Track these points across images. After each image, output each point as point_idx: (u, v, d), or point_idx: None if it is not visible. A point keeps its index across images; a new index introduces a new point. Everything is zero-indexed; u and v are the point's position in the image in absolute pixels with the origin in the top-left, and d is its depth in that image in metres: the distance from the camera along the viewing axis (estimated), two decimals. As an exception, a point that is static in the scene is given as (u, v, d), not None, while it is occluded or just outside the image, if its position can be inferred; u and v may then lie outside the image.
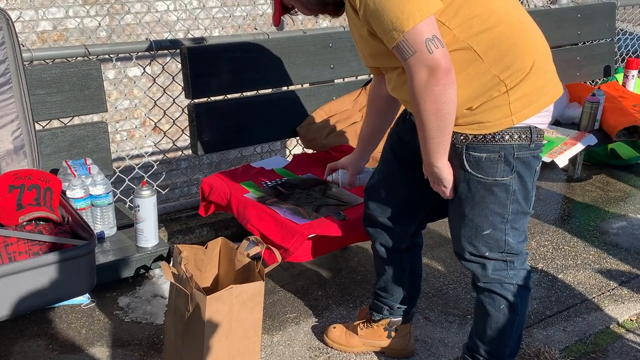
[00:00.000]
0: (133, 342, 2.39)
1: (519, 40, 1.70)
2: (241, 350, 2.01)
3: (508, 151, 1.74)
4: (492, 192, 1.79)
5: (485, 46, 1.66)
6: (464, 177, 1.80)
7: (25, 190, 1.92)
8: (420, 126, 1.71)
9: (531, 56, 1.71)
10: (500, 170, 1.76)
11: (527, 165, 1.79)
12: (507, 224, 1.84)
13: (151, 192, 2.44)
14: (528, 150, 1.76)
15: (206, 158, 4.79)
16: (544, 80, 1.74)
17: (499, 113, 1.71)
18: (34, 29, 4.54)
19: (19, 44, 2.08)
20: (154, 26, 4.88)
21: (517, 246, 1.89)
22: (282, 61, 2.88)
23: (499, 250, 1.88)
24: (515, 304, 1.93)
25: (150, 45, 2.73)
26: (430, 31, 1.58)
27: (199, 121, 2.69)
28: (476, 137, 1.74)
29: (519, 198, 1.81)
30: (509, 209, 1.81)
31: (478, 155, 1.75)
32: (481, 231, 1.85)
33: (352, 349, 2.35)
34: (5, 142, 2.08)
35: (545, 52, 1.78)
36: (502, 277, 1.92)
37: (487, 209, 1.81)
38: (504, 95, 1.69)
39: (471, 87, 1.69)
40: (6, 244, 1.77)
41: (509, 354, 2.00)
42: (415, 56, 1.59)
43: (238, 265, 2.13)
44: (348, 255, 3.05)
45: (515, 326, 1.96)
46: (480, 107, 1.71)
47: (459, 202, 1.86)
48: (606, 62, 4.15)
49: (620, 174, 4.07)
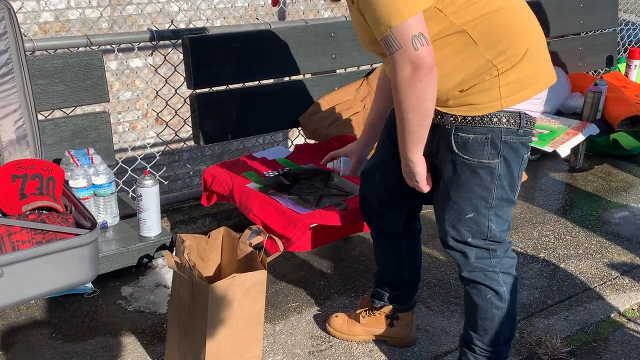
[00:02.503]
0: (136, 331, 2.40)
1: (514, 27, 1.71)
2: (244, 338, 2.02)
3: (495, 134, 1.75)
4: (477, 174, 1.79)
5: (480, 32, 1.68)
6: (450, 158, 1.81)
7: (28, 180, 1.92)
8: (400, 120, 1.75)
9: (525, 43, 1.72)
10: (486, 152, 1.77)
11: (515, 151, 1.79)
12: (490, 210, 1.83)
13: (154, 181, 2.44)
14: (516, 135, 1.77)
15: (208, 149, 4.79)
16: (537, 67, 1.75)
17: (489, 96, 1.72)
18: (35, 20, 4.54)
19: (21, 34, 2.08)
20: (155, 17, 4.87)
21: (500, 234, 1.88)
22: (284, 51, 2.88)
23: (481, 237, 1.88)
24: (501, 293, 1.93)
25: (152, 35, 2.73)
26: (417, 28, 1.61)
27: (201, 112, 2.69)
28: (465, 119, 1.75)
29: (504, 184, 1.81)
30: (493, 194, 1.81)
31: (466, 136, 1.76)
32: (464, 215, 1.85)
33: (354, 337, 2.36)
34: (7, 132, 2.08)
35: (540, 40, 1.78)
36: (485, 266, 1.92)
37: (471, 192, 1.82)
38: (494, 79, 1.70)
39: (465, 70, 1.70)
40: (9, 233, 1.77)
41: (504, 342, 2.00)
42: (401, 52, 1.63)
43: (240, 255, 2.13)
44: (350, 245, 3.05)
45: (505, 314, 1.95)
46: (471, 89, 1.72)
47: (444, 184, 1.87)
48: (609, 52, 4.14)
49: (622, 164, 4.06)
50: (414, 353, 2.33)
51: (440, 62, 1.69)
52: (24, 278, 1.72)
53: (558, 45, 3.87)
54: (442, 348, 2.36)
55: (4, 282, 1.69)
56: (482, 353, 2.00)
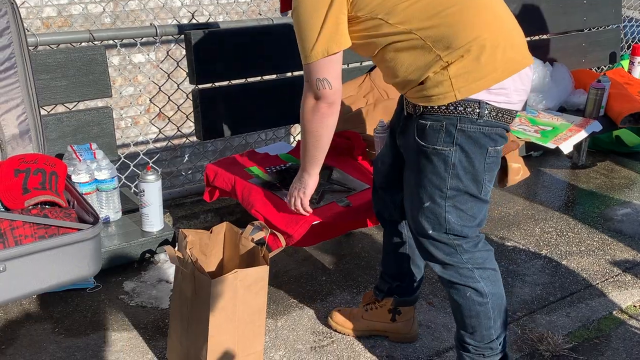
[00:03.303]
0: (138, 326, 2.41)
1: (464, 22, 1.73)
2: (246, 334, 2.03)
3: (451, 121, 1.76)
4: (431, 160, 1.80)
5: (428, 31, 1.74)
6: (413, 146, 1.84)
7: (31, 174, 1.92)
8: (302, 140, 2.02)
9: (475, 35, 1.72)
10: (440, 139, 1.77)
11: (475, 142, 1.77)
12: (447, 200, 1.82)
13: (156, 176, 2.44)
14: (475, 125, 1.75)
15: (210, 145, 4.80)
16: (493, 57, 1.73)
17: (442, 88, 1.75)
18: (38, 15, 4.54)
19: (24, 29, 2.08)
20: (158, 12, 4.87)
21: (461, 229, 1.86)
22: (287, 47, 2.86)
23: (441, 230, 1.86)
24: (480, 289, 1.91)
25: (155, 30, 2.73)
26: (323, 72, 1.85)
27: (204, 107, 2.69)
28: (426, 108, 1.79)
29: (460, 174, 1.79)
30: (447, 183, 1.80)
31: (424, 123, 1.80)
32: (422, 204, 1.85)
33: (356, 332, 2.36)
34: (10, 127, 2.08)
35: (499, 30, 1.76)
36: (455, 263, 1.90)
37: (426, 179, 1.82)
38: (444, 71, 1.73)
39: (417, 64, 1.76)
40: (12, 228, 1.78)
41: (497, 336, 1.97)
42: (307, 84, 1.90)
43: (243, 250, 2.13)
44: (352, 241, 3.06)
45: (491, 308, 1.93)
46: (427, 83, 1.76)
47: (407, 172, 1.91)
48: (612, 48, 4.13)
49: (625, 161, 4.06)
50: (416, 349, 2.33)
51: (397, 62, 1.80)
52: (26, 273, 1.72)
53: (561, 42, 3.86)
54: (444, 344, 2.36)
55: (7, 277, 1.69)
56: (477, 351, 1.98)
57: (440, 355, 2.31)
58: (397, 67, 1.81)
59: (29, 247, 1.72)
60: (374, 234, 3.09)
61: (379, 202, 2.23)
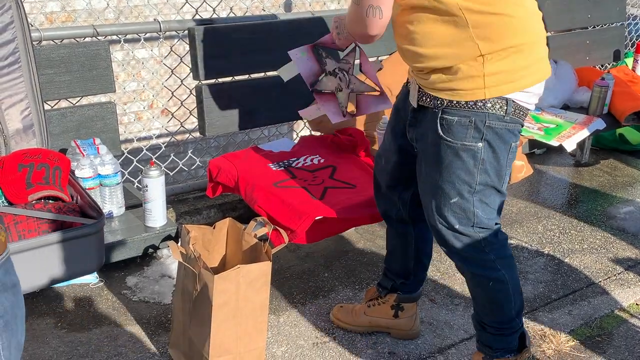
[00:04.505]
0: (141, 321, 2.41)
1: (518, 18, 1.72)
2: (248, 329, 2.03)
3: (479, 117, 1.75)
4: (460, 156, 1.79)
5: (476, 18, 1.69)
6: (435, 141, 1.82)
7: (35, 169, 1.93)
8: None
9: (524, 39, 1.73)
10: (469, 135, 1.77)
11: (501, 138, 1.79)
12: (474, 195, 1.83)
13: (159, 172, 2.45)
14: (502, 121, 1.77)
15: (213, 140, 4.80)
16: (528, 62, 1.75)
17: (473, 83, 1.73)
18: (42, 10, 4.54)
19: (28, 24, 2.08)
20: (161, 8, 4.87)
21: (488, 221, 1.88)
22: (290, 43, 2.86)
23: (469, 224, 1.87)
24: (500, 277, 1.94)
25: (158, 26, 2.73)
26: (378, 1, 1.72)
27: (207, 103, 2.69)
28: (451, 102, 1.77)
29: (488, 169, 1.81)
30: (477, 178, 1.81)
31: (450, 118, 1.78)
32: (449, 199, 1.85)
33: (358, 328, 2.36)
34: (14, 122, 2.09)
35: (538, 35, 1.79)
36: (478, 256, 1.92)
37: (454, 175, 1.82)
38: (478, 66, 1.71)
39: (452, 48, 1.72)
40: (16, 222, 1.78)
41: (517, 315, 2.02)
42: (357, 8, 1.75)
43: (245, 246, 2.14)
44: (354, 237, 3.06)
45: (511, 292, 1.97)
46: (456, 74, 1.74)
47: (429, 169, 1.88)
48: (616, 46, 4.12)
49: (629, 159, 4.05)
50: (418, 346, 2.33)
51: (428, 32, 1.73)
52: (30, 267, 1.73)
53: (565, 39, 3.85)
54: (446, 341, 2.36)
55: (10, 271, 1.70)
56: (497, 331, 2.03)
57: (443, 352, 2.31)
58: (425, 39, 1.74)
59: (33, 242, 1.73)
60: (376, 231, 3.09)
61: (384, 202, 2.21)
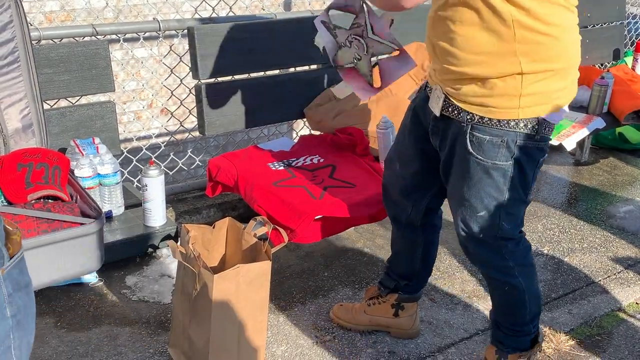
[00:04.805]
0: (140, 321, 2.41)
1: (568, 40, 1.70)
2: (247, 329, 2.03)
3: (511, 137, 1.74)
4: (490, 175, 1.79)
5: (526, 34, 1.64)
6: (464, 157, 1.80)
7: (34, 169, 1.92)
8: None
9: (561, 61, 1.71)
10: (500, 154, 1.76)
11: (529, 156, 1.78)
12: (502, 209, 1.83)
13: (159, 171, 2.45)
14: (532, 141, 1.76)
15: (213, 140, 4.79)
16: (564, 84, 1.74)
17: (508, 102, 1.70)
18: (41, 9, 4.54)
19: (27, 23, 2.08)
20: (160, 7, 4.86)
21: (511, 231, 1.89)
22: (290, 42, 2.87)
23: (492, 234, 1.88)
24: (517, 284, 1.95)
25: (158, 25, 2.72)
26: None
27: (206, 102, 2.69)
28: (482, 119, 1.74)
29: (517, 185, 1.81)
30: (505, 195, 1.81)
31: (481, 137, 1.75)
32: (476, 212, 1.85)
33: (358, 326, 2.36)
34: (13, 121, 2.08)
35: (576, 60, 1.77)
36: (497, 261, 1.93)
37: (483, 191, 1.82)
38: (516, 84, 1.68)
39: (492, 55, 1.67)
40: (15, 222, 1.78)
41: (531, 320, 2.04)
42: None
43: (245, 245, 2.13)
44: (354, 236, 3.05)
45: (526, 299, 1.98)
46: (492, 89, 1.70)
47: (457, 181, 1.87)
48: (616, 45, 4.12)
49: (628, 158, 4.05)
50: (417, 345, 2.33)
51: (473, 39, 1.66)
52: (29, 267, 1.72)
53: (565, 38, 3.84)
54: (446, 340, 2.36)
55: (10, 271, 1.69)
56: (510, 332, 2.05)
57: (442, 351, 2.31)
58: (466, 41, 1.68)
59: (32, 242, 1.72)
60: (375, 230, 3.09)
61: (394, 207, 2.17)
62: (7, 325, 1.04)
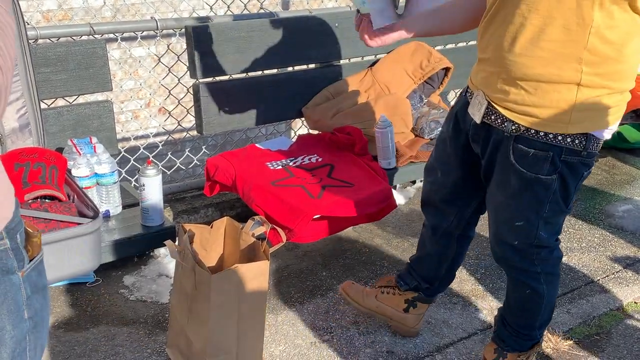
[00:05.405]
0: (138, 321, 2.41)
1: (624, 67, 1.64)
2: (246, 328, 2.02)
3: (556, 152, 1.69)
4: (532, 187, 1.75)
5: (598, 44, 1.57)
6: (506, 166, 1.77)
7: (31, 168, 1.91)
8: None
9: (622, 83, 1.66)
10: (544, 168, 1.72)
11: (574, 170, 1.74)
12: (541, 220, 1.81)
13: (157, 171, 2.44)
14: (579, 156, 1.71)
15: (211, 139, 4.79)
16: (617, 104, 1.68)
17: (558, 115, 1.64)
18: (38, 8, 4.53)
19: (24, 22, 2.07)
20: (158, 6, 4.86)
21: (548, 240, 1.87)
22: (288, 41, 2.87)
23: (528, 242, 1.86)
24: (540, 290, 1.95)
25: (156, 24, 2.72)
26: None
27: (204, 101, 2.69)
28: (528, 130, 1.69)
29: (558, 198, 1.77)
30: (546, 207, 1.78)
31: (526, 149, 1.71)
32: (514, 221, 1.83)
33: (362, 308, 2.34)
34: (10, 120, 2.07)
35: (633, 82, 1.71)
36: (527, 267, 1.92)
37: (523, 202, 1.79)
38: (571, 96, 1.62)
39: (555, 53, 1.59)
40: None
41: (539, 326, 2.03)
42: None
43: (243, 245, 2.13)
44: (352, 236, 3.05)
45: (543, 307, 1.98)
46: (542, 98, 1.64)
47: (497, 189, 1.84)
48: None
49: (627, 157, 4.05)
50: (416, 344, 2.33)
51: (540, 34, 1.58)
52: (26, 267, 1.72)
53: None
54: (444, 340, 2.36)
55: (6, 271, 1.69)
56: (515, 332, 2.05)
57: (441, 351, 2.31)
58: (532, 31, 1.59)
59: (29, 241, 1.71)
60: (374, 229, 3.08)
61: (436, 215, 2.12)
62: (25, 327, 1.05)
